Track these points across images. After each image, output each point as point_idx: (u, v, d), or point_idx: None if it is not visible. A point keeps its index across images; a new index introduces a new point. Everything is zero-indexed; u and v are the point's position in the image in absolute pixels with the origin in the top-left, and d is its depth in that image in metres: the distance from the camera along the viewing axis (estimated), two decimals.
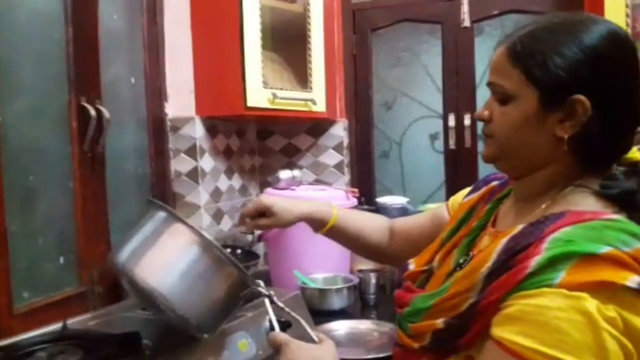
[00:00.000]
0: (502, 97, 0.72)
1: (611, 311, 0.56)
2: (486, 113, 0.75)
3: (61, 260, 1.21)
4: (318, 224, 1.09)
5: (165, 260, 0.84)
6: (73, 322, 1.05)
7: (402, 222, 1.13)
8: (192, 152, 1.66)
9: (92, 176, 1.28)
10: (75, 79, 1.24)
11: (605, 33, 0.68)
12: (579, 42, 0.67)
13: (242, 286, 0.88)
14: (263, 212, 1.06)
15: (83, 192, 1.25)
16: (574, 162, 0.70)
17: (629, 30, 1.54)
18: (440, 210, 1.04)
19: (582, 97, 0.66)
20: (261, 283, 0.90)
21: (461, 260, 0.78)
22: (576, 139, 0.68)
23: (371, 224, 1.12)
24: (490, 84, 0.75)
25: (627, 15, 1.54)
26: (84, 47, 1.27)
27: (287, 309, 0.91)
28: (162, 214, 0.87)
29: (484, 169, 1.91)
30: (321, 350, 0.82)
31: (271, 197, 1.08)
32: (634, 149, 0.72)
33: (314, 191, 1.79)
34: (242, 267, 0.87)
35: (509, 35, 0.73)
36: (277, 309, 0.90)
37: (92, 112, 1.24)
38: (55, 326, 1.00)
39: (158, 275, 0.82)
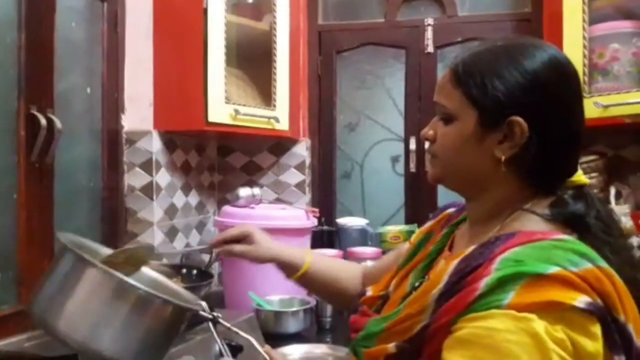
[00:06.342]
0: (445, 117, 0.74)
1: (559, 332, 0.56)
2: (430, 132, 0.77)
3: None
4: (291, 268, 1.05)
5: (85, 310, 0.76)
6: (7, 342, 0.99)
7: (370, 267, 1.10)
8: (148, 166, 1.62)
9: (38, 188, 1.22)
10: (26, 87, 1.18)
11: (546, 59, 0.69)
12: (519, 66, 0.68)
13: (181, 314, 0.82)
14: (239, 239, 1.03)
15: (28, 205, 1.19)
16: (519, 185, 0.71)
17: (586, 62, 1.60)
18: (405, 247, 1.01)
19: (519, 119, 0.67)
20: (204, 305, 0.85)
21: (417, 284, 0.77)
22: (516, 161, 0.69)
23: (346, 272, 1.08)
24: (435, 104, 0.76)
25: (584, 47, 1.60)
26: (37, 54, 1.22)
27: (234, 329, 0.86)
28: (73, 260, 0.79)
29: (444, 193, 1.93)
30: None
31: (254, 227, 1.04)
32: (579, 172, 0.73)
33: (273, 210, 1.77)
34: (171, 298, 0.81)
35: (456, 57, 0.74)
36: (228, 333, 0.85)
37: (43, 121, 1.19)
38: None
39: (83, 329, 0.75)
